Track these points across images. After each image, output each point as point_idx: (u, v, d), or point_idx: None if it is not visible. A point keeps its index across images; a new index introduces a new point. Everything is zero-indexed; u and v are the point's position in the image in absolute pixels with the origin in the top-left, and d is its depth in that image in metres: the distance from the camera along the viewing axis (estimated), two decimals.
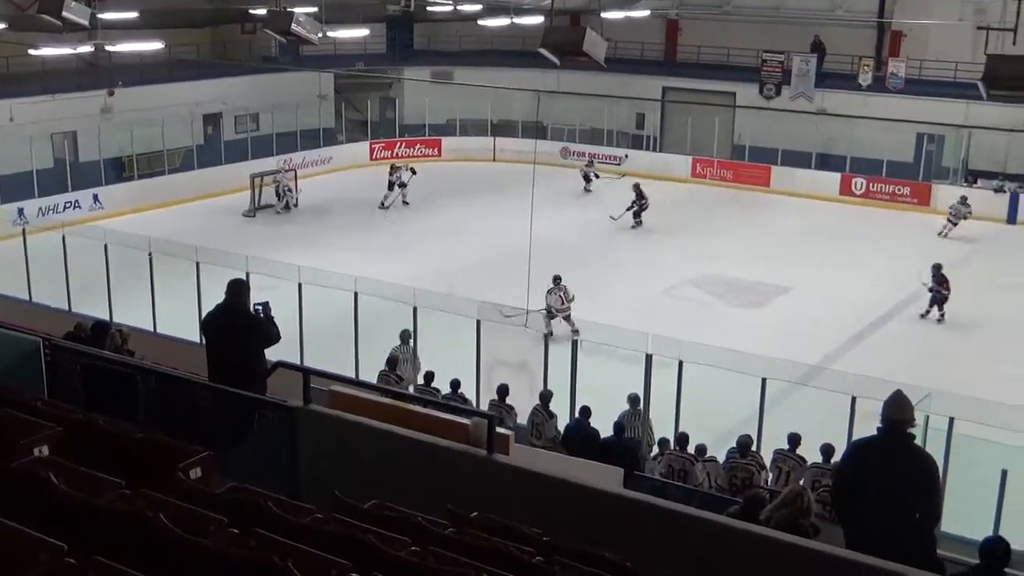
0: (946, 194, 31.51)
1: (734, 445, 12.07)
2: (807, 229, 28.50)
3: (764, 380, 13.66)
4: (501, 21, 29.67)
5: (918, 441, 10.93)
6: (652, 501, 6.41)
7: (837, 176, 32.91)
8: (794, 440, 12.08)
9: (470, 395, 14.97)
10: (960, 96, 25.83)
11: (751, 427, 13.17)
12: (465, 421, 7.10)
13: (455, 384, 13.57)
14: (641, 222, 28.07)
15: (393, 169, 30.39)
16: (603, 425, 12.50)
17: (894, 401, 6.05)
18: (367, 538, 3.78)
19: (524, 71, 32.93)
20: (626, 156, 36.56)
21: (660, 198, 29.39)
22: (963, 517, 10.45)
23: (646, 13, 34.12)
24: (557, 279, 19.36)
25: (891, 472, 5.81)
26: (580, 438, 12.05)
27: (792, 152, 33.43)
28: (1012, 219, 30.49)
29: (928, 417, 11.77)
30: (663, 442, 12.76)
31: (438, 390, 13.48)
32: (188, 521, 3.66)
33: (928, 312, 21.41)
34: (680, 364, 13.88)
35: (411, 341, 15.46)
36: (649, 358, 13.60)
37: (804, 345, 18.75)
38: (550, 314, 18.66)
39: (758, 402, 13.55)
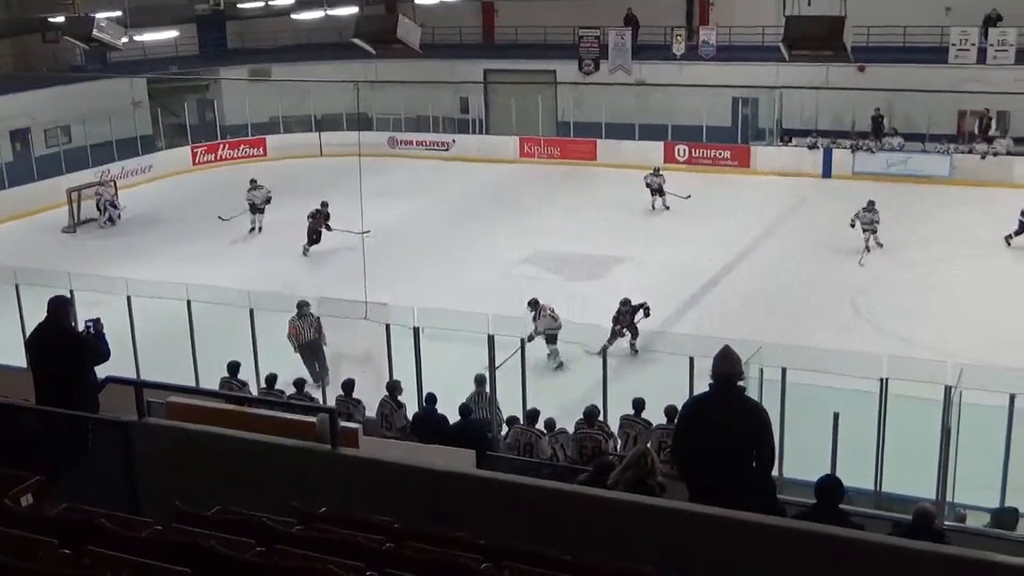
0: (764, 155, 32.74)
1: (581, 416, 12.28)
2: (637, 199, 29.11)
3: (605, 350, 13.96)
4: (315, 14, 29.29)
5: (754, 392, 11.45)
6: (501, 478, 6.48)
7: (660, 145, 33.68)
8: (638, 405, 12.37)
9: (317, 393, 14.87)
10: (769, 59, 26.74)
11: (597, 397, 13.42)
12: (313, 419, 7.04)
13: (299, 383, 13.42)
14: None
15: (253, 187, 27.11)
16: (454, 410, 12.55)
17: (722, 356, 6.25)
18: (209, 544, 3.71)
19: (343, 63, 32.55)
20: (453, 141, 36.69)
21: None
22: (803, 461, 10.89)
23: None
24: (534, 303, 17.57)
25: (724, 424, 6.02)
26: (428, 425, 12.06)
27: (616, 125, 34.04)
28: (827, 173, 31.84)
29: (762, 369, 12.24)
30: (512, 420, 12.89)
31: (282, 392, 13.29)
32: (17, 547, 3.52)
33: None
34: (522, 341, 14.04)
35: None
36: (491, 339, 13.71)
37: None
38: (550, 339, 17.14)
39: (601, 372, 13.82)
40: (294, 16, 31.49)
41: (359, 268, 15.69)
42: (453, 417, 12.36)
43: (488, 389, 13.49)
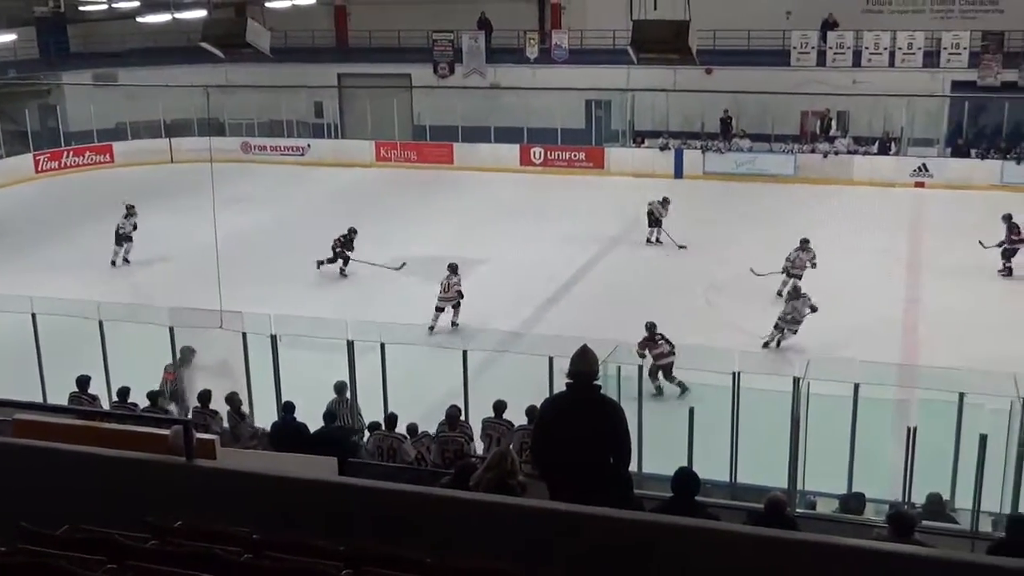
0: (618, 156, 33.32)
1: (443, 419, 12.27)
2: (495, 201, 29.27)
3: (465, 352, 13.98)
4: (162, 17, 28.49)
5: (612, 390, 11.65)
6: (362, 484, 6.43)
7: (517, 148, 34.00)
8: (499, 407, 12.42)
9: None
10: (620, 62, 27.18)
11: (458, 400, 13.43)
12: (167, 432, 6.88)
13: (152, 396, 13.05)
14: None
15: (129, 213, 24.26)
16: (315, 418, 12.37)
17: (579, 355, 6.34)
18: (57, 564, 3.59)
19: (193, 67, 31.83)
20: (308, 146, 36.29)
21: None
22: (661, 456, 11.11)
23: (312, 1, 33.82)
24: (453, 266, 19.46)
25: (581, 422, 6.10)
26: (287, 434, 11.88)
27: (472, 128, 34.22)
28: (679, 174, 32.61)
29: (620, 367, 12.47)
30: (374, 426, 12.79)
31: (136, 405, 12.91)
32: None
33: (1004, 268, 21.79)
34: (382, 346, 13.97)
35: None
36: (351, 344, 13.61)
37: (503, 314, 19.39)
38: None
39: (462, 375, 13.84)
40: (140, 19, 30.59)
41: (213, 276, 15.37)
42: (315, 425, 12.21)
43: (349, 396, 13.39)
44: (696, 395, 14.21)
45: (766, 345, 17.33)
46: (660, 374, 15.58)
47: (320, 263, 22.81)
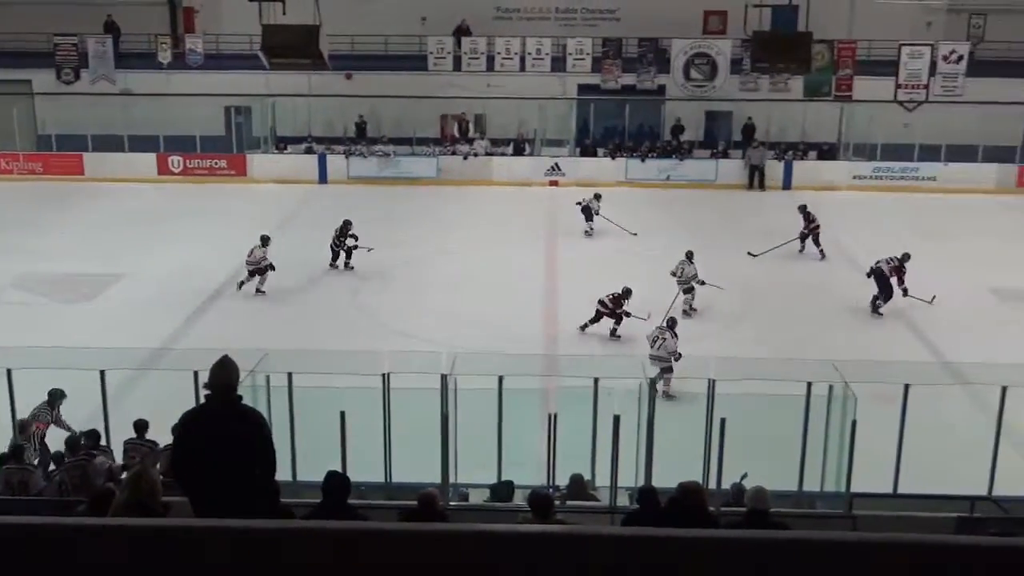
0: (261, 163, 32.76)
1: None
2: (131, 213, 27.96)
3: (103, 372, 13.25)
4: None
5: (262, 399, 11.46)
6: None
7: (153, 156, 32.63)
8: (141, 426, 11.91)
9: None
10: (259, 67, 26.74)
11: (98, 423, 12.72)
12: None
13: None
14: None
15: None
16: None
17: (219, 366, 6.15)
18: None
19: None
20: None
21: None
22: (316, 462, 11.01)
23: None
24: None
25: (223, 435, 5.93)
26: None
27: (104, 137, 32.43)
28: (323, 179, 32.54)
29: (268, 376, 12.26)
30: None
31: None
32: None
33: (802, 249, 23.98)
34: (9, 372, 12.97)
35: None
36: None
37: (144, 330, 18.55)
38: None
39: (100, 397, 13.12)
40: None
41: None
42: None
43: None
44: (348, 399, 14.22)
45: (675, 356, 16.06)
46: None
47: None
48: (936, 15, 34.68)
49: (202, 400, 6.47)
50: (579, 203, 26.25)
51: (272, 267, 21.08)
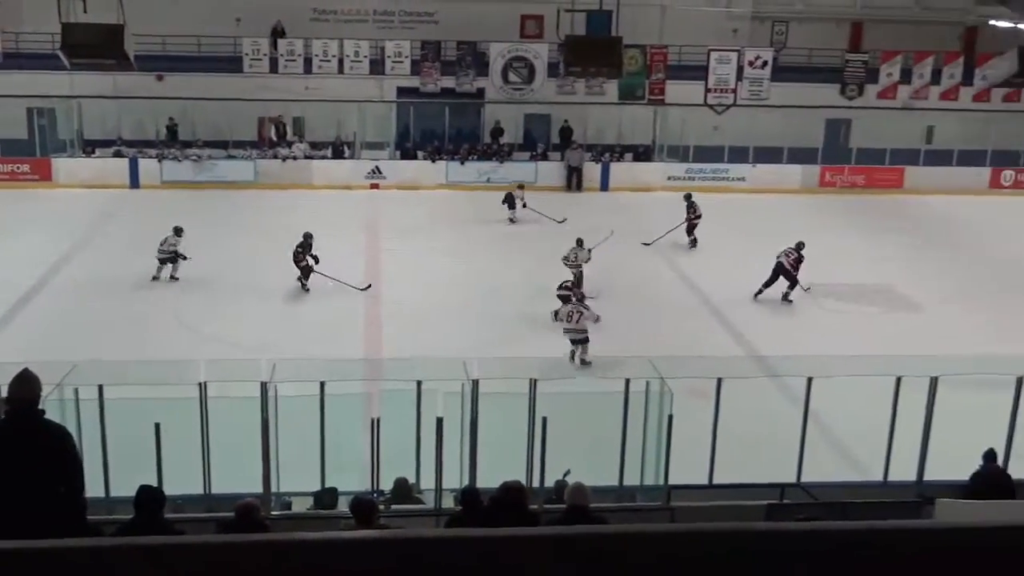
0: (67, 167, 31.42)
1: None
2: None
3: None
4: None
5: (71, 413, 10.99)
6: None
7: None
8: None
9: None
10: (63, 67, 25.66)
11: None
12: None
13: None
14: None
15: None
16: None
17: (15, 380, 5.86)
18: None
19: None
20: None
21: None
22: (128, 478, 10.63)
23: None
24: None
25: (23, 452, 5.65)
26: None
27: None
28: (135, 183, 31.42)
29: (77, 389, 11.75)
30: None
31: None
32: None
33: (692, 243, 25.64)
34: None
35: None
36: None
37: None
38: None
39: None
40: None
41: None
42: None
43: None
44: (164, 410, 13.78)
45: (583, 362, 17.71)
46: None
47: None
48: (741, 22, 36.12)
49: (1, 416, 6.16)
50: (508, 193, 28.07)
51: (184, 256, 21.47)
